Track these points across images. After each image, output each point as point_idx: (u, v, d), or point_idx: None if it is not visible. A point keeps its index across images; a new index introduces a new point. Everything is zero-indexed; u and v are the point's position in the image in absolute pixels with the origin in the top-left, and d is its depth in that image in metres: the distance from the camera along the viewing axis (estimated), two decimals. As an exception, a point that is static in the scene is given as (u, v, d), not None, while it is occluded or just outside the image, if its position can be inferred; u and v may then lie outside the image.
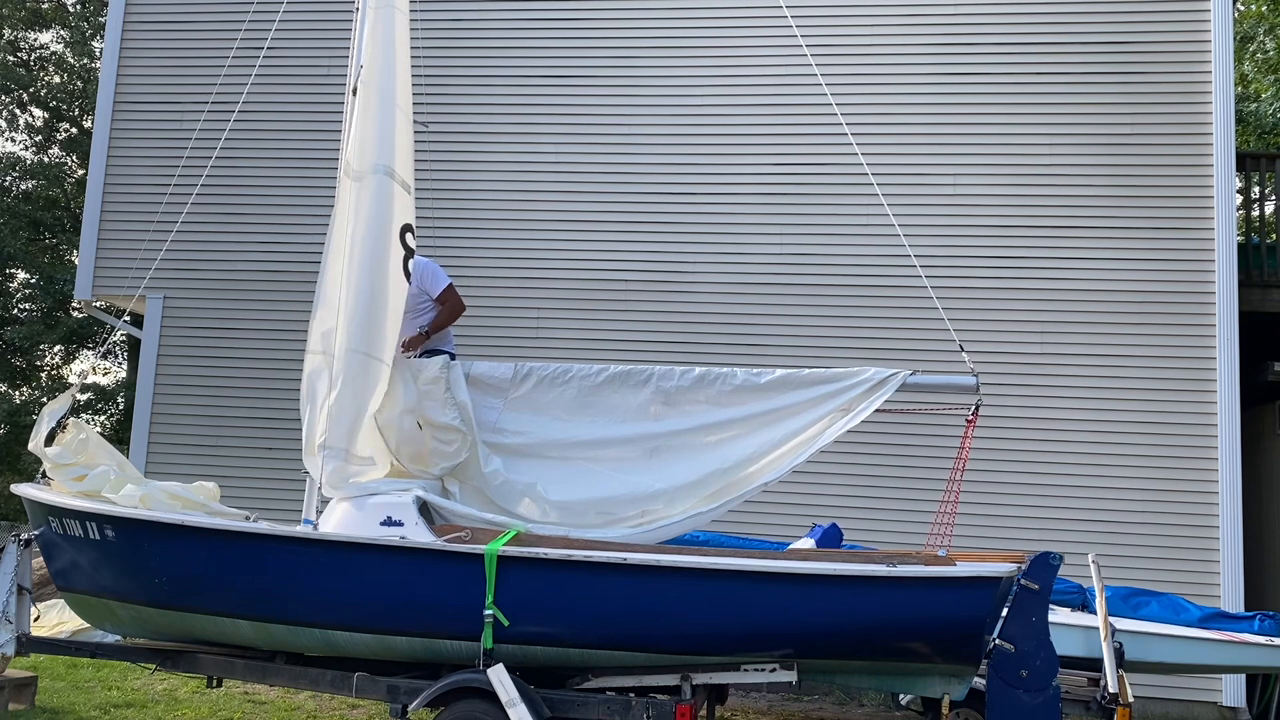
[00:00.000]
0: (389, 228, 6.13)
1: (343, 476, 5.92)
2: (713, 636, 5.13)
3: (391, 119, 6.20)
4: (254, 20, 9.50)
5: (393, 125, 6.20)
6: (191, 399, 10.84)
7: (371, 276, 6.05)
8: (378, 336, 6.04)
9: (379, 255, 6.09)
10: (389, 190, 6.13)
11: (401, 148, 6.23)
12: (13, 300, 23.44)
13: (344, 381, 5.94)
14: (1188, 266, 9.46)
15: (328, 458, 5.89)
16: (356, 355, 5.96)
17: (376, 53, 6.20)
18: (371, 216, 6.08)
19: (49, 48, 25.04)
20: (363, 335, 5.98)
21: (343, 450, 5.91)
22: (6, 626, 6.05)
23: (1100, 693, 6.14)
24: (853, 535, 7.68)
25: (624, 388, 6.17)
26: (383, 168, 6.11)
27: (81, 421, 6.58)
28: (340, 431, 5.91)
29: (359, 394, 5.96)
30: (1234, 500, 9.01)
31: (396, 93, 6.23)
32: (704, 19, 10.50)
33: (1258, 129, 17.81)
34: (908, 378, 5.85)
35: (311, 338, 6.11)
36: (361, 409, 5.97)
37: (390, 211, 6.14)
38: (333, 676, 5.63)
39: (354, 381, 5.94)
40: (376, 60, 6.19)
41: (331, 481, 5.91)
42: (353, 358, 5.95)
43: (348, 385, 5.93)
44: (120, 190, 11.31)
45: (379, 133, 6.16)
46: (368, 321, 6.00)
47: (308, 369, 6.11)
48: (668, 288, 10.17)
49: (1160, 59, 9.77)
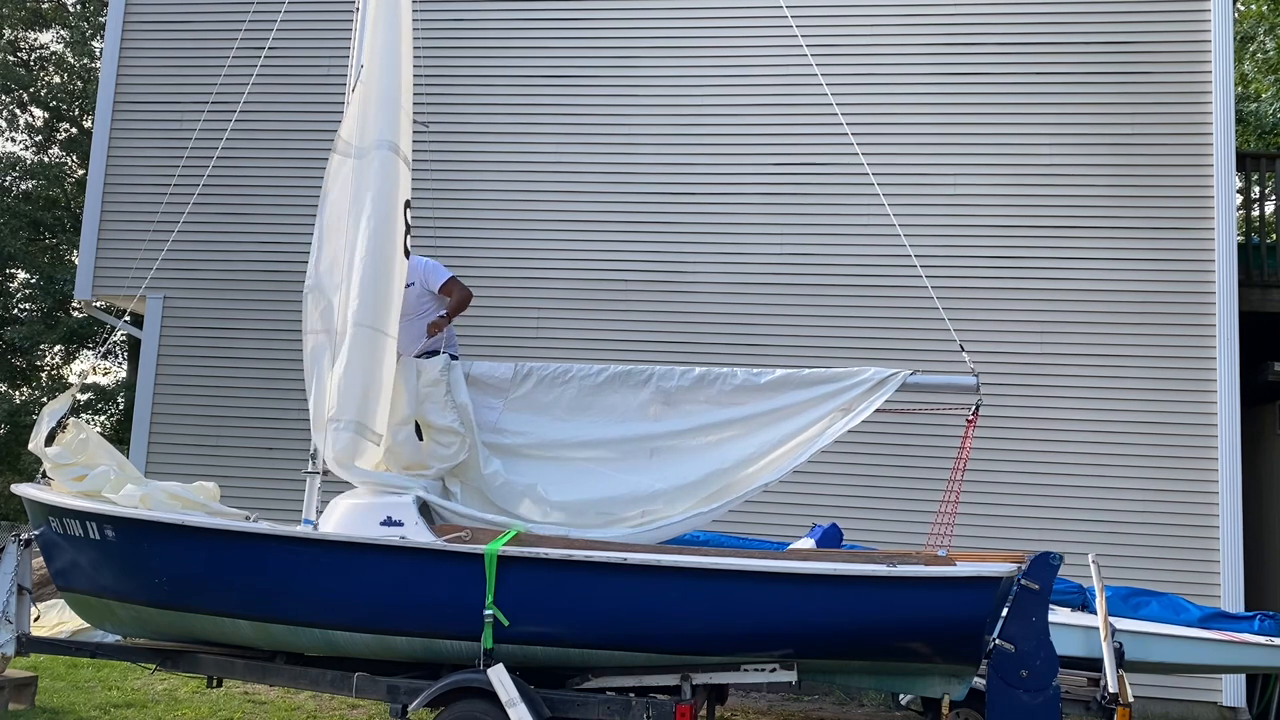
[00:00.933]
0: (396, 202, 6.12)
1: (352, 452, 5.82)
2: (713, 636, 5.13)
3: (396, 97, 6.18)
4: (254, 20, 9.50)
5: (397, 102, 6.18)
6: (191, 399, 10.84)
7: (379, 251, 6.00)
8: (384, 310, 5.99)
9: (387, 230, 6.05)
10: (394, 165, 6.11)
11: (405, 125, 6.22)
12: (13, 300, 23.45)
13: (351, 355, 5.86)
14: (1188, 266, 9.45)
15: (338, 430, 5.80)
16: (363, 329, 5.90)
17: (379, 33, 6.16)
18: (378, 191, 6.05)
19: (49, 48, 25.06)
20: (370, 309, 5.93)
21: (353, 423, 5.82)
22: (6, 626, 6.05)
23: (1100, 693, 6.13)
24: (853, 535, 7.68)
25: (624, 388, 6.17)
26: (387, 143, 6.09)
27: (81, 421, 6.58)
28: (350, 405, 5.83)
29: (369, 367, 5.90)
30: (1234, 500, 9.01)
31: (401, 70, 6.22)
32: (704, 19, 10.50)
33: (1258, 129, 17.81)
34: (908, 378, 5.85)
35: (309, 318, 6.03)
36: (370, 383, 5.90)
37: (397, 186, 6.12)
38: (333, 676, 5.63)
39: (362, 355, 5.88)
40: (379, 39, 6.16)
41: (340, 459, 5.81)
42: (359, 332, 5.89)
43: (356, 359, 5.87)
44: (120, 190, 11.31)
45: (381, 108, 6.12)
46: (374, 296, 5.96)
47: (309, 348, 6.02)
48: (668, 288, 10.17)
49: (1160, 59, 9.76)
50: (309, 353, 6.04)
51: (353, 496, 5.84)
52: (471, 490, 6.19)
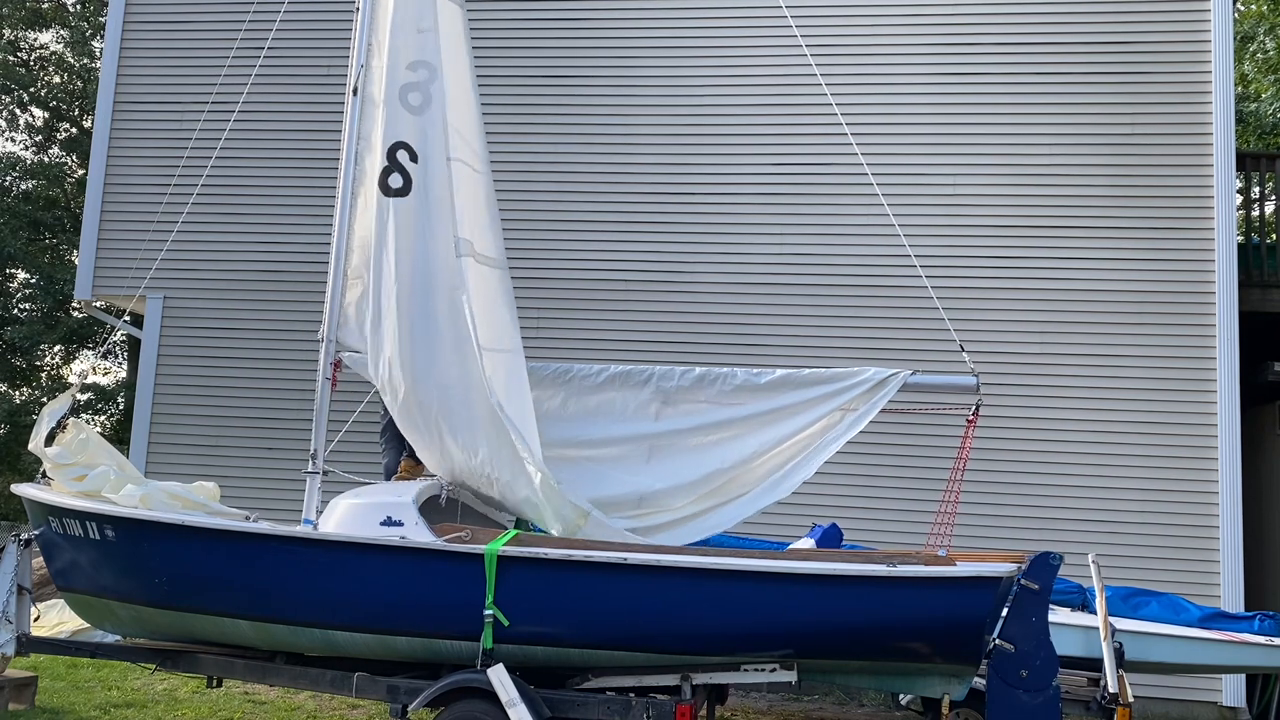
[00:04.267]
0: None
1: (553, 484, 5.60)
2: (713, 636, 5.13)
3: None
4: (254, 20, 9.50)
5: None
6: (191, 399, 10.84)
7: (488, 274, 6.01)
8: (500, 329, 5.98)
9: None
10: None
11: None
12: (13, 300, 23.44)
13: (505, 388, 5.74)
14: (1188, 266, 9.45)
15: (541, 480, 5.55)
16: (492, 354, 5.82)
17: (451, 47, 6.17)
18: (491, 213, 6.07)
19: (49, 48, 25.04)
20: (492, 333, 5.91)
21: (539, 456, 5.64)
22: (6, 626, 6.06)
23: (1100, 693, 6.13)
24: (853, 535, 7.68)
25: (624, 387, 6.18)
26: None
27: (81, 421, 6.58)
28: (533, 438, 5.69)
29: (516, 392, 5.83)
30: (1234, 500, 9.01)
31: None
32: (704, 19, 10.49)
33: (1258, 129, 17.80)
34: (908, 378, 5.86)
35: (404, 370, 5.87)
36: (525, 406, 5.82)
37: None
38: (333, 676, 5.63)
39: (507, 384, 5.79)
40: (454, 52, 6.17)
41: (562, 517, 5.63)
42: (494, 359, 5.80)
43: (511, 389, 5.78)
44: (120, 190, 11.30)
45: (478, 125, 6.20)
46: (491, 317, 5.95)
47: (434, 402, 5.85)
48: (668, 288, 10.17)
49: (1160, 59, 9.76)
50: (438, 407, 5.84)
51: (353, 496, 5.84)
52: (468, 492, 6.20)
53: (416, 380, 5.88)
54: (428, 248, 5.98)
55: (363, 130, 6.15)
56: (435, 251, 5.96)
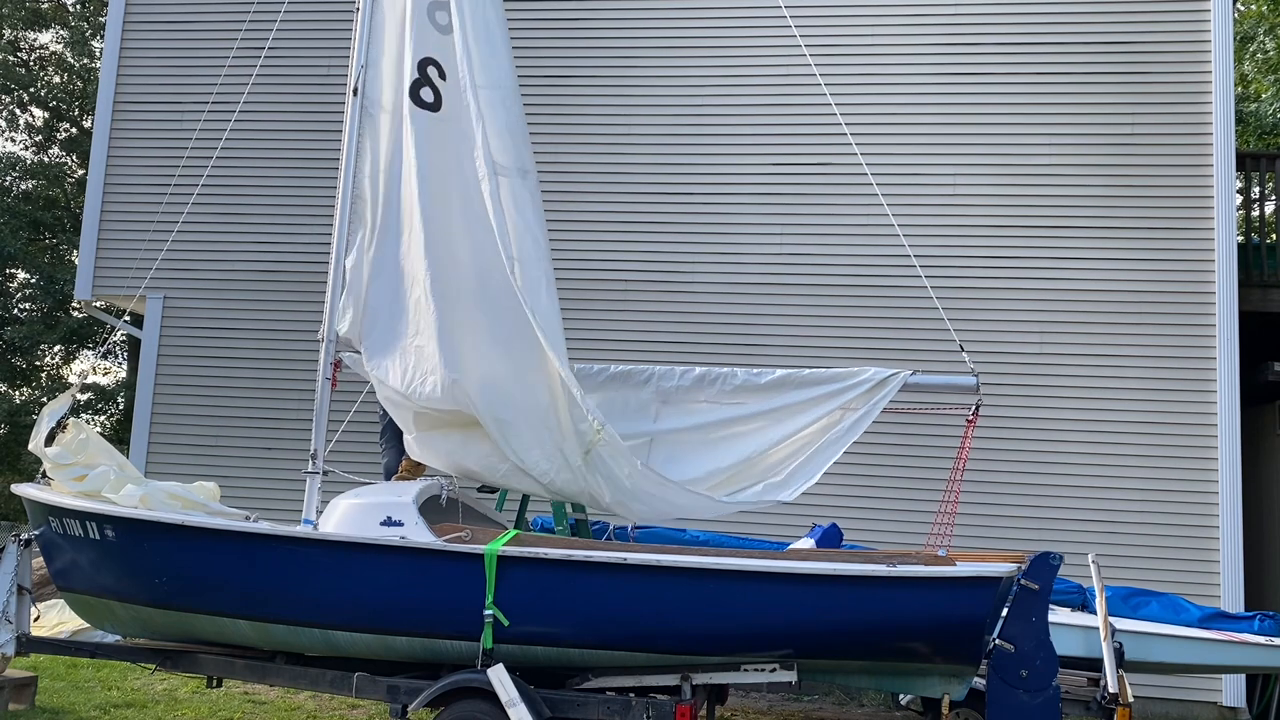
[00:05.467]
0: None
1: None
2: (713, 636, 5.13)
3: None
4: (254, 20, 9.50)
5: None
6: (191, 399, 10.84)
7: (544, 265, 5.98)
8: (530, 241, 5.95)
9: None
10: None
11: None
12: (13, 300, 23.44)
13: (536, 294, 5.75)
14: (1187, 266, 9.45)
15: None
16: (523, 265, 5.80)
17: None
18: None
19: (49, 48, 25.06)
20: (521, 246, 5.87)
21: (565, 356, 5.68)
22: (6, 626, 6.05)
23: (1100, 693, 6.13)
24: (853, 535, 7.68)
25: (624, 387, 6.19)
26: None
27: (81, 421, 6.58)
28: (560, 345, 5.73)
29: (548, 299, 5.85)
30: (1234, 500, 9.01)
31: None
32: (704, 19, 10.50)
33: (1258, 129, 17.80)
34: (908, 378, 5.85)
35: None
36: (554, 311, 5.83)
37: None
38: (333, 676, 5.63)
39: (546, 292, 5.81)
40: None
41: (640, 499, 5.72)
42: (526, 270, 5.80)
43: (544, 296, 5.80)
44: (120, 190, 11.31)
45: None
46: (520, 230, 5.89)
47: (468, 294, 5.84)
48: (667, 288, 10.17)
49: (1160, 59, 9.76)
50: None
51: (353, 496, 5.84)
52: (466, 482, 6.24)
53: (443, 272, 5.87)
54: (460, 164, 5.96)
55: (387, 48, 6.15)
56: (465, 168, 5.94)
